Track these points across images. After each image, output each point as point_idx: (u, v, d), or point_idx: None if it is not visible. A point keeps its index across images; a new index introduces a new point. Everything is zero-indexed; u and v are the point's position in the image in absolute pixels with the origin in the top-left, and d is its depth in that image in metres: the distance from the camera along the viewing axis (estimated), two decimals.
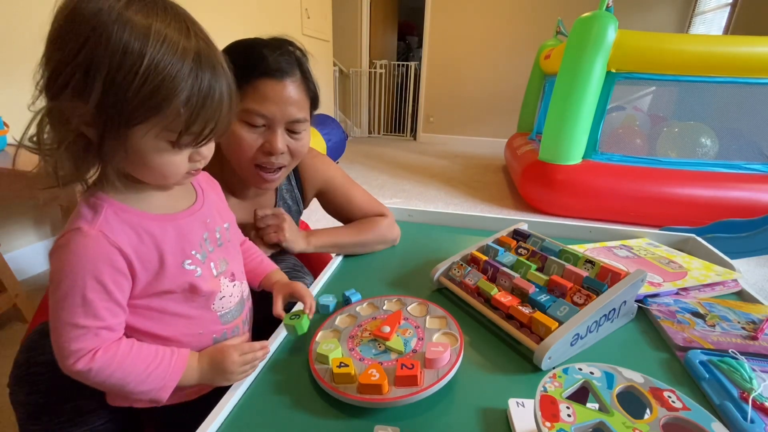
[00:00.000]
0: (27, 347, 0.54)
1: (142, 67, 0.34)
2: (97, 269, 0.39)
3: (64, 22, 0.35)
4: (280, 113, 0.62)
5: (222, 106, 0.40)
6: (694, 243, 0.89)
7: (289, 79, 0.62)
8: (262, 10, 2.95)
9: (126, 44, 0.34)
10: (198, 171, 0.46)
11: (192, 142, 0.41)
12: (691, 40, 2.20)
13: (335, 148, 3.17)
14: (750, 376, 0.46)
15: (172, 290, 0.46)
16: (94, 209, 0.41)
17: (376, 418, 0.44)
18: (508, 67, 4.66)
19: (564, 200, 2.38)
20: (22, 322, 1.27)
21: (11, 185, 1.10)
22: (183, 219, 0.47)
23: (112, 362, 0.41)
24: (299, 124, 0.65)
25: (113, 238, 0.40)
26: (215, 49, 0.40)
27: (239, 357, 0.47)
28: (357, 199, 0.86)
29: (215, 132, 0.42)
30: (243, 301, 0.55)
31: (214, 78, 0.39)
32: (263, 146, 0.64)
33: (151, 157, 0.40)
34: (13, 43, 1.39)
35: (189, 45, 0.37)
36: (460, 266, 0.68)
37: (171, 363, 0.45)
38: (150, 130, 0.38)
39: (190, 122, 0.38)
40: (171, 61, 0.35)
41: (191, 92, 0.37)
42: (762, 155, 2.27)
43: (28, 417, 0.51)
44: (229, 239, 0.54)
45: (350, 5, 4.70)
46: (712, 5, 3.90)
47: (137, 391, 0.43)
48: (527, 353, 0.54)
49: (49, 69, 0.36)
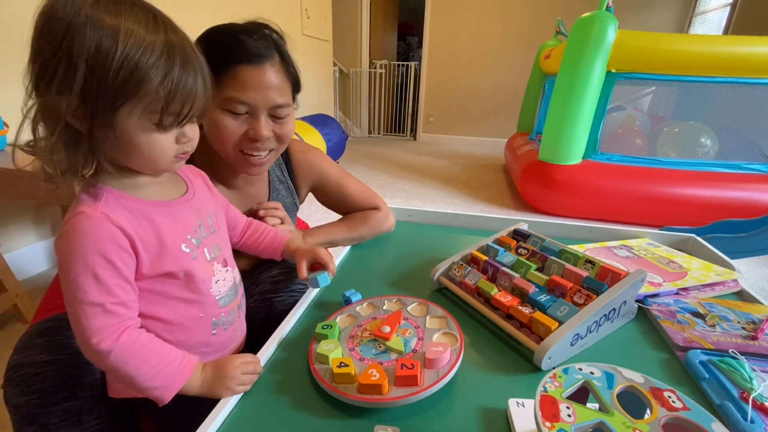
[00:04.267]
0: (20, 348, 0.54)
1: (116, 57, 0.37)
2: (104, 248, 0.41)
3: (42, 25, 0.38)
4: (261, 99, 0.61)
5: (197, 86, 0.43)
6: (694, 243, 0.89)
7: (268, 64, 0.61)
8: (262, 10, 2.96)
9: (99, 40, 0.37)
10: (186, 155, 0.47)
11: (174, 122, 0.43)
12: (691, 40, 2.20)
13: (335, 148, 3.18)
14: (750, 376, 0.46)
15: (173, 272, 0.47)
16: (95, 196, 0.43)
17: (376, 418, 0.44)
18: (508, 67, 4.66)
19: (564, 200, 2.38)
20: (22, 322, 1.27)
21: (11, 185, 1.10)
22: (177, 206, 0.50)
23: (131, 348, 0.42)
24: (282, 109, 0.64)
25: (116, 220, 0.42)
26: (185, 37, 0.43)
27: (240, 362, 0.48)
28: (351, 193, 0.86)
29: (194, 110, 0.44)
30: (236, 286, 0.58)
31: (185, 62, 0.41)
32: (247, 133, 0.64)
33: (139, 139, 0.42)
34: (13, 44, 1.39)
35: (158, 35, 0.40)
36: (460, 266, 0.68)
37: (180, 365, 0.46)
38: (132, 111, 0.40)
39: (169, 101, 0.41)
40: (141, 50, 0.38)
41: (165, 74, 0.40)
42: (762, 155, 2.27)
43: (22, 418, 0.51)
44: (219, 227, 0.56)
45: (350, 5, 4.70)
46: (712, 5, 3.90)
47: (144, 386, 0.44)
48: (527, 353, 0.54)
49: (36, 68, 0.39)
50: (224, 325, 0.55)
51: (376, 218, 0.87)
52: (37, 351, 0.52)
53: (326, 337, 0.53)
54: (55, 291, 0.68)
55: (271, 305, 0.69)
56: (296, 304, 0.64)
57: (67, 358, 0.52)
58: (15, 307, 1.25)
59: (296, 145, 0.84)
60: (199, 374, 0.47)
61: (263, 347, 0.54)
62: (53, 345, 0.53)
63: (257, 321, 0.65)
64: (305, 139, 2.68)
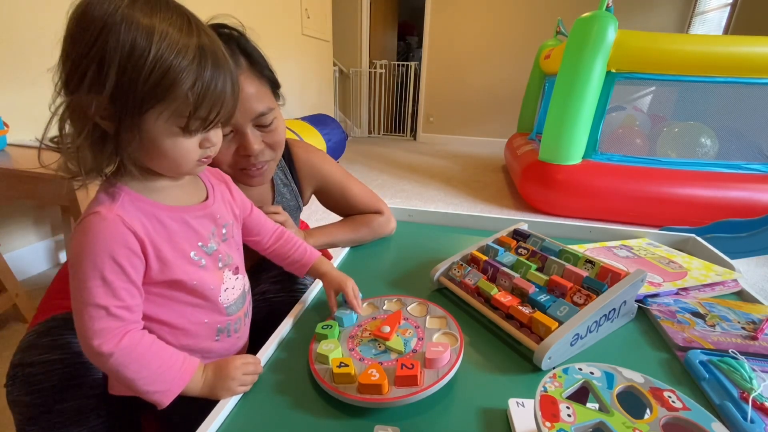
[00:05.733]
0: (23, 347, 0.54)
1: (149, 59, 0.37)
2: (114, 251, 0.41)
3: (77, 24, 0.38)
4: (240, 115, 0.58)
5: (225, 92, 0.43)
6: (694, 243, 0.89)
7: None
8: (261, 10, 2.95)
9: (133, 40, 0.37)
10: (209, 159, 0.47)
11: (200, 127, 0.43)
12: (691, 40, 2.20)
13: (335, 148, 3.18)
14: (750, 376, 0.46)
15: (181, 280, 0.47)
16: (112, 196, 0.43)
17: (376, 418, 0.44)
18: (508, 67, 4.66)
19: (564, 200, 2.38)
20: (22, 322, 1.27)
21: (11, 185, 1.10)
22: (194, 213, 0.49)
23: (133, 352, 0.42)
24: (265, 116, 0.61)
25: (129, 222, 0.42)
26: (217, 41, 0.43)
27: (241, 363, 0.48)
28: (354, 196, 0.86)
29: (221, 116, 0.44)
30: (244, 294, 0.57)
31: (216, 67, 0.41)
32: (238, 151, 0.62)
33: (164, 142, 0.42)
34: (13, 46, 1.39)
35: (191, 38, 0.40)
36: (460, 266, 0.68)
37: (181, 369, 0.46)
38: (160, 114, 0.40)
39: (197, 106, 0.41)
40: (174, 52, 0.38)
41: (196, 79, 0.40)
42: (762, 155, 2.27)
43: (24, 417, 0.51)
44: (233, 235, 0.56)
45: (350, 5, 4.70)
46: (712, 5, 3.90)
47: (144, 390, 0.44)
48: (527, 353, 0.54)
49: (67, 66, 0.38)
50: (229, 332, 0.54)
51: (377, 221, 0.87)
52: (40, 350, 0.52)
53: (326, 337, 0.53)
54: (56, 290, 0.68)
55: (271, 305, 0.69)
56: (296, 304, 0.64)
57: (70, 358, 0.53)
58: (15, 307, 1.25)
59: (299, 146, 0.84)
60: (200, 376, 0.47)
61: (263, 347, 0.54)
62: (56, 344, 0.53)
63: (257, 321, 0.65)
64: (305, 139, 2.68)
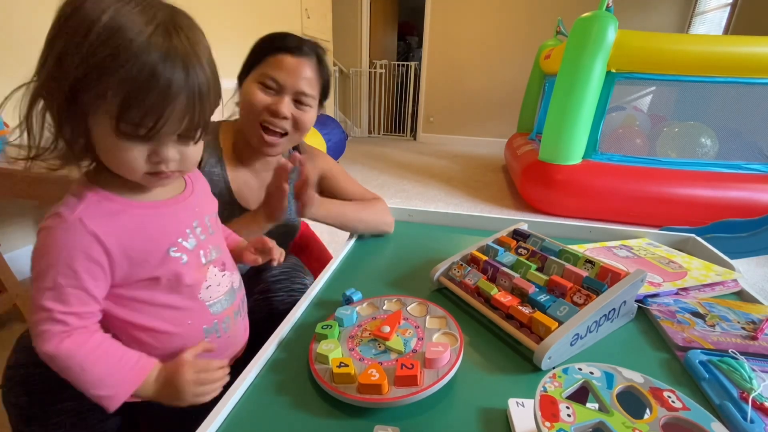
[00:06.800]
0: (19, 348, 0.54)
1: (90, 36, 0.35)
2: (70, 256, 0.40)
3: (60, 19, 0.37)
4: (290, 82, 0.69)
5: (174, 102, 0.38)
6: (694, 243, 0.89)
7: (305, 59, 0.70)
8: (262, 10, 2.96)
9: (85, 15, 0.35)
10: (163, 176, 0.43)
11: (134, 133, 0.38)
12: (691, 40, 2.20)
13: (335, 148, 3.17)
14: (750, 376, 0.46)
15: (158, 278, 0.45)
16: (79, 196, 0.42)
17: (376, 418, 0.44)
18: (508, 67, 4.66)
19: (564, 200, 2.38)
20: (22, 322, 1.27)
21: (11, 185, 1.10)
22: (170, 207, 0.47)
23: (77, 353, 0.41)
24: (306, 97, 0.71)
25: (91, 226, 0.40)
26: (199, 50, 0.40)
27: (193, 375, 0.45)
28: (352, 188, 0.91)
29: (159, 127, 0.38)
30: (233, 291, 0.55)
31: (173, 70, 0.37)
32: (269, 106, 0.70)
33: (104, 142, 0.39)
34: (13, 45, 1.39)
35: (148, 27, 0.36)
36: (460, 266, 0.68)
37: (131, 372, 0.44)
38: (92, 107, 0.37)
39: (125, 107, 0.36)
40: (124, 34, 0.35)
41: (129, 75, 0.35)
42: (762, 155, 2.27)
43: (20, 418, 0.51)
44: (218, 228, 0.55)
45: (350, 5, 4.70)
46: (712, 5, 3.90)
47: (89, 393, 0.42)
48: (527, 353, 0.54)
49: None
50: (218, 332, 0.52)
51: (380, 206, 0.91)
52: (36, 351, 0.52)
53: (326, 337, 0.53)
54: None
55: (271, 305, 0.69)
56: (296, 304, 0.64)
57: None
58: (15, 307, 1.25)
59: (304, 145, 0.90)
60: (151, 383, 0.45)
61: (263, 347, 0.54)
62: None
63: (257, 321, 0.65)
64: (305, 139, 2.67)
